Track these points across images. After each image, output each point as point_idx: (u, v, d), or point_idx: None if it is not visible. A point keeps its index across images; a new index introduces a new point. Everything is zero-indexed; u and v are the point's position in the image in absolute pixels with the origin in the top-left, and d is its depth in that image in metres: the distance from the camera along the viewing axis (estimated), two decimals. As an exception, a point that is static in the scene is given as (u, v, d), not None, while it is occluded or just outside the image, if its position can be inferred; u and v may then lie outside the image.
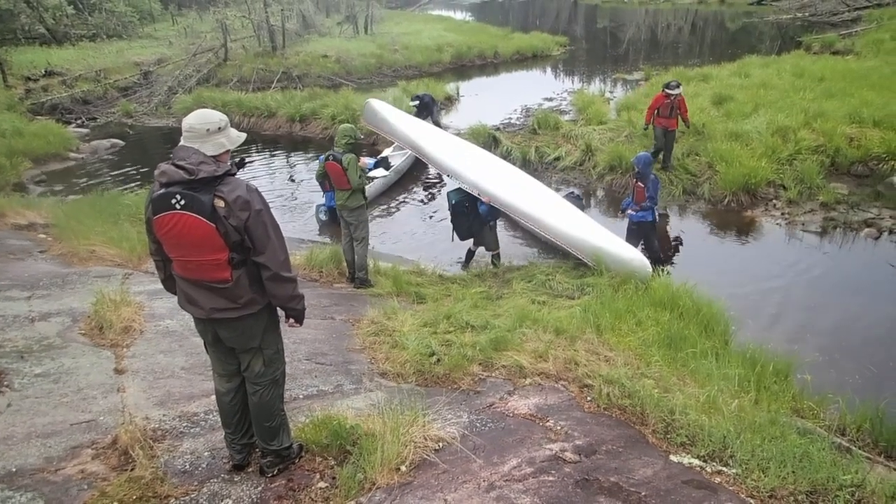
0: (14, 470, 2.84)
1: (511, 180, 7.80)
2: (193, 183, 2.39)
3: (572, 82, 19.37)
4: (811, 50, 19.58)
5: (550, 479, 2.88)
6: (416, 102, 12.44)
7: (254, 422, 2.85)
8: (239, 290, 2.55)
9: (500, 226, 7.93)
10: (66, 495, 2.70)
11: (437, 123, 12.61)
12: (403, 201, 10.19)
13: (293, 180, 11.45)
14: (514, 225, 8.54)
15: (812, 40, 20.68)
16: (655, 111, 9.32)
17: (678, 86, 9.10)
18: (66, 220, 7.07)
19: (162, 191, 2.41)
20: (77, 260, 6.17)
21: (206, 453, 3.06)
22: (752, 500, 2.87)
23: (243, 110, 15.10)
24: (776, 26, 28.37)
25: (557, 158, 10.99)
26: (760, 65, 15.57)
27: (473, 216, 7.11)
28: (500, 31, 27.86)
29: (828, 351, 5.45)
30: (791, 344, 5.50)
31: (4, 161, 10.87)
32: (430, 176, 11.10)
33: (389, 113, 8.98)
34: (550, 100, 15.81)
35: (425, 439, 3.07)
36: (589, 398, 3.90)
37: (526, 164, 10.78)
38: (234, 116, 14.63)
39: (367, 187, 6.45)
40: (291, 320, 2.79)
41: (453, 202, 7.09)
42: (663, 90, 9.10)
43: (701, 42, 28.19)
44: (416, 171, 11.24)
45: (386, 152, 11.14)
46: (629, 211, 7.21)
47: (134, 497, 2.69)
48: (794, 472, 3.02)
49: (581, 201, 8.80)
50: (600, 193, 10.12)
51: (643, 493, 2.80)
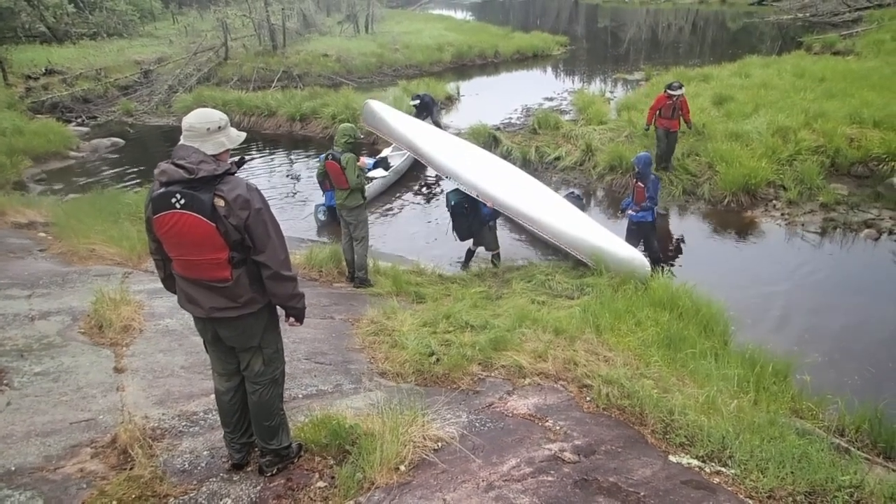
0: (13, 468, 2.84)
1: (511, 180, 7.80)
2: (193, 182, 2.39)
3: (573, 82, 19.36)
4: (812, 50, 19.57)
5: (549, 479, 2.88)
6: (417, 102, 12.45)
7: (253, 421, 2.85)
8: (239, 289, 2.55)
9: (500, 226, 7.93)
10: (66, 494, 2.70)
11: (437, 123, 12.61)
12: (403, 201, 10.18)
13: (293, 179, 11.45)
14: (514, 225, 8.54)
15: (813, 41, 20.67)
16: (657, 112, 9.27)
17: (680, 87, 9.07)
18: (66, 219, 7.08)
19: (162, 190, 2.41)
20: (77, 259, 6.17)
21: (205, 452, 3.06)
22: (750, 501, 2.88)
23: (244, 109, 15.11)
24: (777, 26, 28.35)
25: (558, 158, 10.98)
26: (761, 65, 15.55)
27: (473, 216, 7.11)
28: (501, 30, 27.82)
29: (827, 352, 5.45)
30: (790, 345, 5.50)
31: (5, 159, 10.88)
32: (430, 175, 11.09)
33: (388, 114, 8.96)
34: (551, 99, 15.80)
35: (424, 439, 3.08)
36: (588, 398, 3.90)
37: (526, 164, 10.78)
38: (234, 115, 14.63)
39: (366, 187, 6.46)
40: (292, 319, 2.80)
41: (452, 203, 7.09)
42: (665, 91, 9.06)
43: (701, 42, 28.18)
44: (416, 171, 11.23)
45: (385, 152, 11.14)
46: (629, 211, 7.21)
47: (133, 496, 2.69)
48: (792, 472, 3.02)
49: (581, 201, 8.80)
50: (600, 193, 10.11)
51: (642, 494, 2.80)
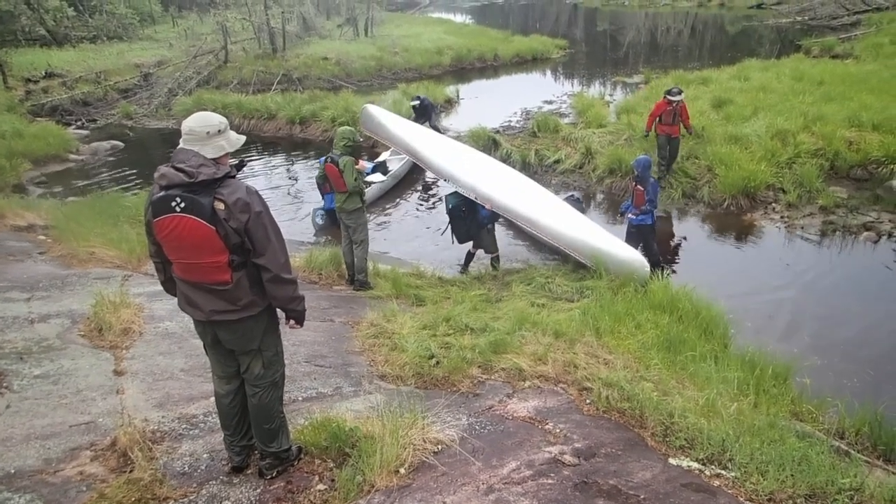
0: (13, 471, 2.84)
1: (510, 183, 7.81)
2: (193, 186, 2.39)
3: (572, 85, 19.38)
4: (810, 53, 19.62)
5: (549, 481, 2.88)
6: (417, 103, 12.45)
7: (253, 424, 2.85)
8: (239, 292, 2.56)
9: (499, 229, 7.94)
10: (65, 497, 2.70)
11: (437, 127, 12.63)
12: (403, 203, 10.19)
13: (293, 181, 11.45)
14: (514, 228, 8.54)
15: (811, 44, 20.72)
16: (658, 118, 9.21)
17: (680, 92, 9.01)
18: (66, 222, 7.07)
19: (162, 193, 2.42)
20: (76, 262, 6.16)
21: (205, 455, 3.06)
22: (750, 504, 2.88)
23: (243, 112, 15.12)
24: (776, 30, 28.41)
25: (557, 161, 10.99)
26: (760, 68, 15.56)
27: (470, 219, 7.11)
28: (500, 33, 27.88)
29: (826, 354, 5.45)
30: (790, 347, 5.51)
31: (4, 162, 10.88)
32: (429, 178, 11.10)
33: (386, 118, 8.97)
34: (550, 103, 15.82)
35: (424, 442, 3.07)
36: (588, 401, 3.90)
37: (526, 167, 10.79)
38: (234, 118, 14.65)
39: (364, 191, 6.46)
40: (292, 322, 2.80)
41: (450, 206, 7.09)
42: (665, 97, 9.01)
43: (700, 45, 28.23)
44: (416, 174, 11.24)
45: (383, 156, 11.14)
46: (629, 215, 7.21)
47: (133, 499, 2.69)
48: (792, 475, 3.02)
49: (581, 204, 8.80)
50: (600, 196, 10.12)
51: (642, 497, 2.80)
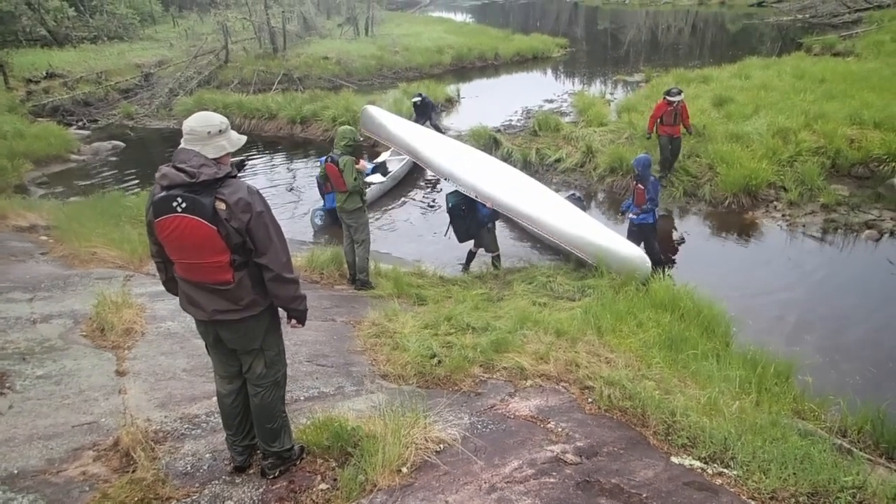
0: (16, 472, 2.85)
1: (511, 182, 7.80)
2: (194, 186, 2.40)
3: (573, 84, 19.37)
4: (812, 51, 19.56)
5: (551, 480, 2.88)
6: (418, 99, 12.41)
7: (255, 423, 2.85)
8: (241, 291, 2.56)
9: (501, 228, 7.93)
10: (68, 497, 2.70)
11: (438, 126, 12.62)
12: (405, 203, 10.19)
13: (294, 182, 11.46)
14: (515, 227, 8.54)
15: (812, 42, 20.67)
16: (658, 119, 9.17)
17: (679, 93, 8.96)
18: (68, 222, 7.08)
19: (163, 193, 2.42)
20: (78, 262, 6.17)
21: (207, 455, 3.06)
22: (753, 502, 2.88)
23: (244, 112, 15.12)
24: (777, 28, 28.36)
25: (558, 160, 10.98)
26: (761, 66, 15.53)
27: (470, 218, 7.12)
28: (501, 32, 27.83)
29: (828, 352, 5.45)
30: (792, 345, 5.50)
31: (6, 163, 10.89)
32: (431, 178, 11.09)
33: (387, 119, 8.97)
34: (551, 101, 15.80)
35: (426, 441, 3.08)
36: (590, 400, 3.90)
37: (527, 166, 10.78)
38: (234, 118, 14.65)
39: (365, 190, 6.46)
40: (294, 321, 2.80)
41: (450, 205, 7.10)
42: (664, 98, 8.97)
43: (701, 44, 28.19)
44: (417, 173, 11.24)
45: (383, 156, 11.13)
46: (630, 214, 7.21)
47: (135, 499, 2.69)
48: (795, 473, 3.02)
49: (582, 203, 8.80)
50: (601, 195, 10.11)
51: (644, 495, 2.80)
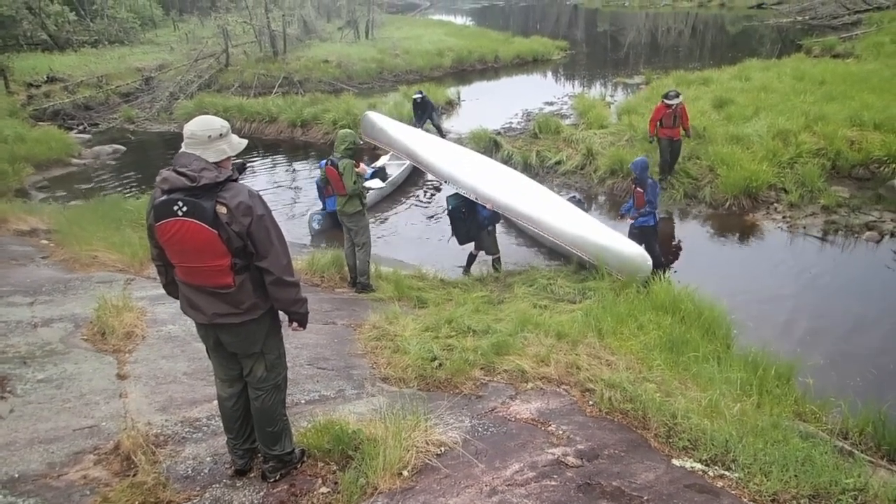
0: (17, 476, 2.84)
1: (511, 183, 7.82)
2: (195, 189, 2.40)
3: (573, 86, 19.40)
4: (811, 53, 19.61)
5: (552, 483, 2.88)
6: (419, 97, 12.38)
7: (256, 427, 2.85)
8: (241, 295, 2.56)
9: (501, 230, 7.93)
10: (69, 501, 2.70)
11: (438, 126, 12.63)
12: (405, 206, 10.20)
13: (294, 184, 11.47)
14: (515, 229, 8.54)
15: (812, 43, 20.71)
16: (658, 122, 9.17)
17: (677, 95, 8.95)
18: (69, 226, 7.09)
19: (164, 197, 2.42)
20: (79, 265, 6.18)
21: (208, 458, 3.06)
22: (754, 505, 2.87)
23: (245, 116, 15.17)
24: (776, 30, 28.41)
25: (559, 163, 11.00)
26: (761, 68, 15.56)
27: (470, 221, 7.13)
28: (501, 35, 27.94)
29: (829, 354, 5.44)
30: (793, 347, 5.49)
31: (7, 167, 10.93)
32: (431, 181, 11.11)
33: (387, 124, 9.00)
34: (551, 104, 15.83)
35: (427, 444, 3.07)
36: (591, 402, 3.89)
37: (527, 169, 10.79)
38: (235, 122, 14.68)
39: (365, 194, 6.47)
40: (295, 324, 2.80)
41: (450, 207, 7.12)
42: (663, 101, 8.96)
43: (701, 45, 28.24)
44: (418, 177, 11.25)
45: (382, 160, 11.15)
46: (628, 218, 7.21)
47: (136, 502, 2.68)
48: (796, 476, 3.02)
49: (583, 205, 8.80)
50: (602, 197, 10.12)
51: (645, 498, 2.79)
